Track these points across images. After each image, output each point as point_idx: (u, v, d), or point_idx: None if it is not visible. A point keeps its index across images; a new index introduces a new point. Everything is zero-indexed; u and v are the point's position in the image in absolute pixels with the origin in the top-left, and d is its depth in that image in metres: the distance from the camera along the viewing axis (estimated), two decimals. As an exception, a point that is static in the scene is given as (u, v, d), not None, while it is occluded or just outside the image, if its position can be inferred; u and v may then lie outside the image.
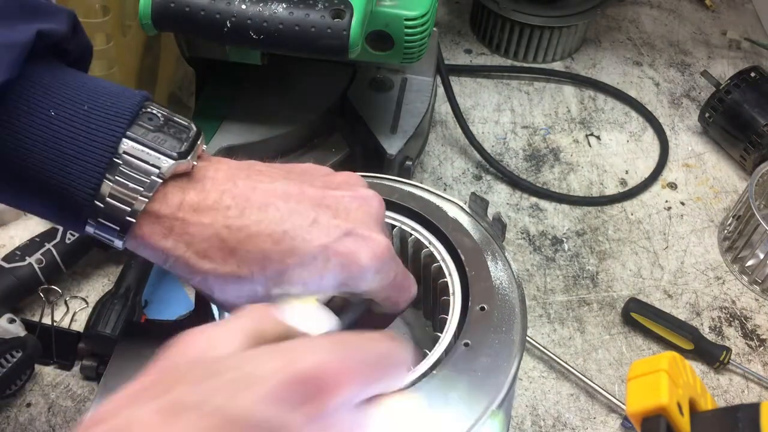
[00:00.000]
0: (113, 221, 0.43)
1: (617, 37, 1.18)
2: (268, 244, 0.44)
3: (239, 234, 0.44)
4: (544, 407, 0.74)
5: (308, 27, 0.64)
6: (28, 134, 0.42)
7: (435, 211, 0.61)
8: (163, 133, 0.44)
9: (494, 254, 0.57)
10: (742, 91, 0.96)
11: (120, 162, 0.43)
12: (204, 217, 0.44)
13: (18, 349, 0.67)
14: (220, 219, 0.44)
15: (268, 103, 0.84)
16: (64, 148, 0.42)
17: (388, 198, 0.63)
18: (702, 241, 0.90)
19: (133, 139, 0.43)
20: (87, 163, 0.43)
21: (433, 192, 0.63)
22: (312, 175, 0.50)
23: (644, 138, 1.03)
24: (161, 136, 0.44)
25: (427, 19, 0.72)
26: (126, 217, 0.43)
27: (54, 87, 0.43)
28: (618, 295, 0.84)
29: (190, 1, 0.63)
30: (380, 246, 0.46)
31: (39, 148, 0.43)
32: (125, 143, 0.43)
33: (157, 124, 0.45)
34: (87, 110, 0.43)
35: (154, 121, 0.45)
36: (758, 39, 1.17)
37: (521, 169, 0.97)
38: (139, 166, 0.43)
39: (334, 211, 0.46)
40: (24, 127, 0.42)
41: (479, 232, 0.59)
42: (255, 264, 0.44)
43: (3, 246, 0.82)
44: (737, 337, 0.81)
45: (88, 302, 0.78)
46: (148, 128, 0.44)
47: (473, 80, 1.09)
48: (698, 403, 0.43)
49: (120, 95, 0.44)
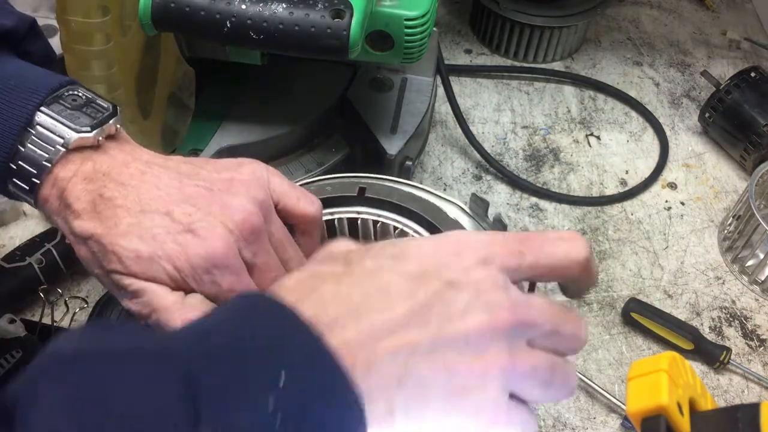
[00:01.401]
0: (23, 181, 0.50)
1: (617, 37, 1.18)
2: (121, 223, 0.49)
3: (106, 203, 0.49)
4: (544, 407, 0.74)
5: (308, 27, 0.64)
6: None
7: (435, 212, 0.61)
8: (80, 111, 0.51)
9: None
10: (742, 91, 0.96)
11: (33, 132, 0.50)
12: (88, 185, 0.49)
13: (18, 349, 0.67)
14: (98, 188, 0.49)
15: (268, 103, 0.84)
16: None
17: (387, 199, 0.63)
18: (702, 241, 0.90)
19: (47, 113, 0.50)
20: (3, 129, 0.49)
21: (433, 193, 0.63)
22: (208, 170, 0.52)
23: (644, 138, 1.03)
24: (77, 113, 0.51)
25: (427, 19, 0.72)
26: (32, 179, 0.50)
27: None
28: (618, 295, 0.84)
29: (190, 1, 0.63)
30: (211, 247, 0.48)
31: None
32: (39, 116, 0.50)
33: (78, 105, 0.51)
34: (12, 85, 0.50)
35: (77, 101, 0.51)
36: (758, 39, 1.17)
37: (521, 169, 0.97)
38: (48, 136, 0.50)
39: (192, 205, 0.49)
40: None
41: None
42: (105, 236, 0.49)
43: (3, 246, 0.82)
44: (737, 337, 0.81)
45: (88, 302, 0.78)
46: (66, 106, 0.51)
47: (473, 80, 1.09)
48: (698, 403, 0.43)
49: (45, 76, 0.52)
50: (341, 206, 0.63)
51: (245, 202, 0.50)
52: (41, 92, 0.50)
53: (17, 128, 0.49)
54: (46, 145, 0.50)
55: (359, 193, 0.64)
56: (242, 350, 0.35)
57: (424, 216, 0.61)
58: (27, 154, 0.50)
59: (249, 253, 0.50)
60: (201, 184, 0.50)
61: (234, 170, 0.52)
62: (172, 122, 0.80)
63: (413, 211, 0.62)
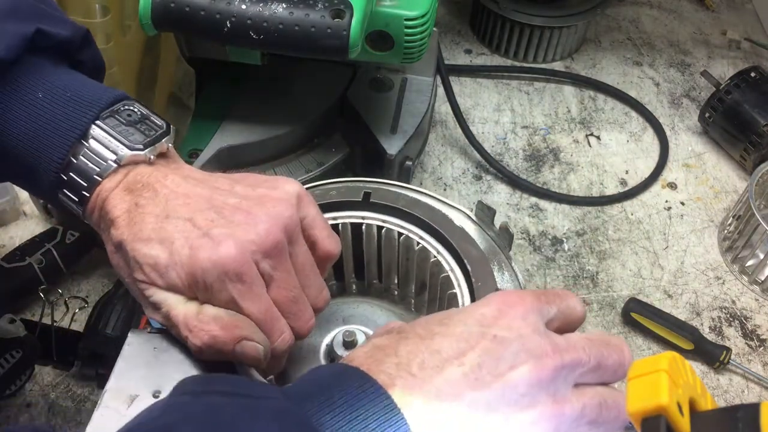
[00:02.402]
0: (74, 193, 0.50)
1: (617, 37, 1.18)
2: (145, 229, 0.48)
3: (138, 210, 0.49)
4: (544, 407, 0.74)
5: (308, 27, 0.64)
6: (15, 109, 0.50)
7: (441, 219, 0.61)
8: (134, 128, 0.51)
9: (500, 265, 0.57)
10: (742, 91, 0.96)
11: (86, 145, 0.50)
12: (127, 195, 0.50)
13: (18, 349, 0.67)
14: (135, 197, 0.49)
15: (268, 103, 0.83)
16: (41, 125, 0.50)
17: (393, 204, 0.62)
18: (702, 241, 0.90)
19: (102, 128, 0.50)
20: (58, 140, 0.49)
21: (439, 199, 0.63)
22: (243, 185, 0.52)
23: (644, 138, 1.03)
24: (131, 129, 0.51)
25: (427, 19, 0.72)
26: (82, 191, 0.50)
27: (48, 75, 0.51)
28: (618, 295, 0.84)
29: (190, 1, 0.63)
30: (223, 253, 0.47)
31: (23, 122, 0.50)
32: (94, 129, 0.50)
33: (132, 120, 0.51)
34: (69, 97, 0.50)
35: (132, 117, 0.52)
36: (758, 39, 1.17)
37: (521, 169, 0.97)
38: (101, 151, 0.50)
39: (217, 213, 0.49)
40: (14, 103, 0.50)
41: (486, 242, 0.59)
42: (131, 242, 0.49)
43: (3, 246, 0.82)
44: (737, 337, 0.81)
45: (88, 302, 0.78)
46: (120, 121, 0.51)
47: (473, 80, 1.09)
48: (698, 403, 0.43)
49: (102, 90, 0.52)
50: (346, 210, 0.63)
51: (271, 216, 0.48)
52: (98, 106, 0.50)
53: (72, 140, 0.49)
54: (98, 160, 0.50)
55: (364, 198, 0.63)
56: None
57: (430, 223, 0.61)
58: (79, 166, 0.50)
59: (267, 267, 0.48)
60: (231, 197, 0.50)
61: (269, 187, 0.51)
62: (172, 122, 0.79)
63: (419, 217, 0.61)
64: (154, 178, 0.50)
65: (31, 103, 0.50)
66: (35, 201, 0.83)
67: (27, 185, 0.56)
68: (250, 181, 0.52)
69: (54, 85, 0.51)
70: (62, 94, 0.50)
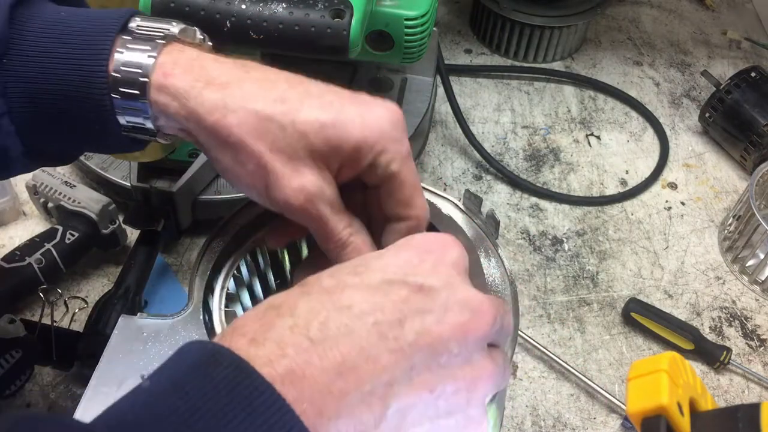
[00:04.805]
0: (131, 85, 0.45)
1: (617, 37, 1.18)
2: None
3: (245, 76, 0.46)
4: (544, 407, 0.74)
5: (308, 27, 0.64)
6: (40, 34, 0.45)
7: (429, 208, 0.61)
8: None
9: (487, 251, 0.57)
10: (742, 91, 0.96)
11: (128, 38, 0.46)
12: (223, 60, 0.46)
13: (18, 349, 0.67)
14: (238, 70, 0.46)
15: (268, 103, 0.83)
16: (74, 35, 0.45)
17: None
18: (702, 241, 0.90)
19: (140, 17, 0.47)
20: (98, 37, 0.45)
21: (427, 189, 0.63)
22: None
23: (644, 138, 1.03)
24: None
25: (427, 19, 0.72)
26: (140, 78, 0.45)
27: (55, 7, 0.48)
28: (618, 295, 0.84)
29: (190, 1, 0.63)
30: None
31: (56, 38, 0.45)
32: (135, 20, 0.47)
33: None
34: (90, 13, 0.47)
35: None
36: (758, 39, 1.17)
37: (521, 169, 0.97)
38: (148, 32, 0.46)
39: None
40: (37, 30, 0.46)
41: (473, 230, 0.59)
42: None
43: (3, 246, 0.82)
44: (737, 337, 0.81)
45: (88, 302, 0.78)
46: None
47: (473, 80, 1.09)
48: (698, 403, 0.43)
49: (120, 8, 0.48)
50: None
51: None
52: (127, 12, 0.47)
53: (113, 31, 0.46)
54: (150, 35, 0.46)
55: None
56: (201, 417, 0.31)
57: None
58: (127, 58, 0.45)
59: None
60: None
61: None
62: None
63: None
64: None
65: (56, 19, 0.46)
66: (35, 201, 0.83)
67: (84, 121, 0.48)
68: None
69: (70, 7, 0.48)
70: (83, 12, 0.47)
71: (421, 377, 0.36)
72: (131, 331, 0.51)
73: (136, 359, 0.50)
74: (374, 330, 0.35)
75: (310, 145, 0.43)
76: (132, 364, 0.49)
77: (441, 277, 0.38)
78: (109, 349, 0.50)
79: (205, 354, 0.34)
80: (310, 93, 0.45)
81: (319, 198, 0.44)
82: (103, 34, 0.45)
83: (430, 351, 0.36)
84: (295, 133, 0.43)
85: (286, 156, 0.43)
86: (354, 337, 0.34)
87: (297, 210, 0.44)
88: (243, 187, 0.47)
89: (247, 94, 0.44)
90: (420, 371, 0.35)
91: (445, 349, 0.36)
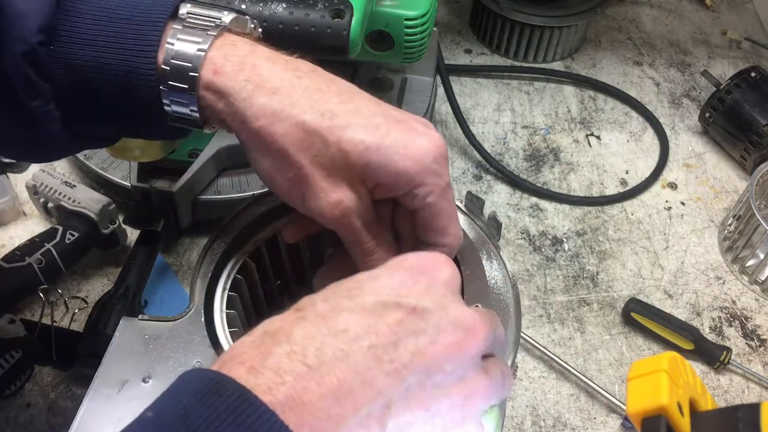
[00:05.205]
0: (180, 79, 0.45)
1: (617, 37, 1.18)
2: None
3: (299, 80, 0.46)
4: (544, 407, 0.74)
5: (308, 27, 0.64)
6: (91, 25, 0.45)
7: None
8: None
9: (489, 254, 0.57)
10: (742, 91, 0.96)
11: (178, 27, 0.45)
12: (275, 59, 0.46)
13: (18, 349, 0.67)
14: (289, 71, 0.46)
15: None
16: (122, 23, 0.45)
17: None
18: (702, 241, 0.90)
19: (191, 3, 0.46)
20: (147, 26, 0.45)
21: None
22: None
23: (644, 138, 1.03)
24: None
25: (427, 19, 0.72)
26: (189, 73, 0.44)
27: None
28: (618, 295, 0.84)
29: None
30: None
31: (104, 25, 0.45)
32: (184, 6, 0.46)
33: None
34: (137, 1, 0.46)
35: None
36: (758, 39, 1.17)
37: (521, 169, 0.97)
38: (200, 21, 0.45)
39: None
40: (89, 20, 0.45)
41: (475, 231, 0.59)
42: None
43: (3, 246, 0.82)
44: (737, 337, 0.81)
45: (88, 302, 0.78)
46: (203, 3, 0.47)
47: (473, 80, 1.09)
48: (698, 403, 0.43)
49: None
50: None
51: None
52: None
53: (164, 18, 0.45)
54: (197, 32, 0.45)
55: None
56: None
57: None
58: (177, 49, 0.45)
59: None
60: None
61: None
62: (172, 122, 0.80)
63: None
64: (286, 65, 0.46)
65: (105, 5, 0.45)
66: (35, 201, 0.83)
67: (131, 107, 0.47)
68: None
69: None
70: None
71: (417, 397, 0.36)
72: (133, 333, 0.51)
73: (137, 361, 0.50)
74: (370, 353, 0.36)
75: (350, 165, 0.44)
76: (133, 366, 0.49)
77: (434, 298, 0.38)
78: (111, 350, 0.50)
79: (206, 383, 0.34)
80: (359, 112, 0.45)
81: (353, 212, 0.45)
82: (152, 23, 0.45)
83: (425, 371, 0.36)
84: (338, 152, 0.44)
85: (326, 171, 0.44)
86: (350, 361, 0.35)
87: (330, 221, 0.46)
88: (278, 191, 0.47)
89: (296, 103, 0.45)
90: (415, 391, 0.36)
91: (439, 369, 0.37)
